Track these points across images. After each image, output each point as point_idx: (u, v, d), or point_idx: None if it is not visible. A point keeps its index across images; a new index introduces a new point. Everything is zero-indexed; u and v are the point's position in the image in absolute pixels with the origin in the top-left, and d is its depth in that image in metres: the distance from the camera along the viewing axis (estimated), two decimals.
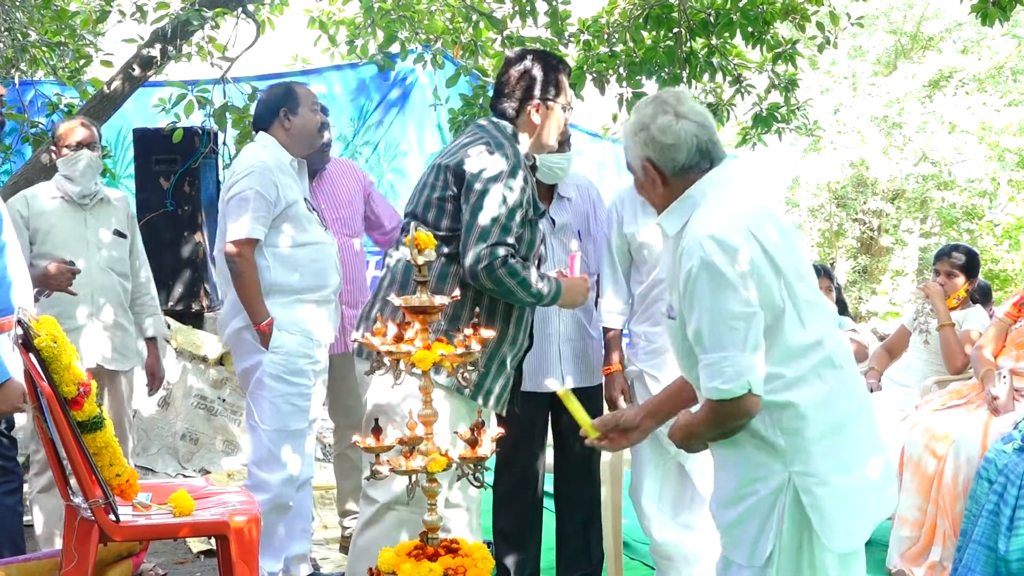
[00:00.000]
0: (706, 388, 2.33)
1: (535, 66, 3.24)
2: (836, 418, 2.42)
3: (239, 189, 3.69)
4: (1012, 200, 14.89)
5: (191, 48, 6.35)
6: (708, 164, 2.46)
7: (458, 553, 2.55)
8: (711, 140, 2.46)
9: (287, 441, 3.77)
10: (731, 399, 2.30)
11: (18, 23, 6.33)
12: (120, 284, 4.22)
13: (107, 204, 4.23)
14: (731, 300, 2.29)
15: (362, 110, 7.69)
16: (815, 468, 2.39)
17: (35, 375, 2.87)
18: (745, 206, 2.43)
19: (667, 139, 2.43)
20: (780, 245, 2.39)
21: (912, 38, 17.75)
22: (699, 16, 6.27)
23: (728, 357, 2.28)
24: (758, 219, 2.40)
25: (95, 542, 2.92)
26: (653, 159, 2.46)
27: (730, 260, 2.30)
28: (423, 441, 2.55)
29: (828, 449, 2.41)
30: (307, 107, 3.87)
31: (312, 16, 7.49)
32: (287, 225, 3.76)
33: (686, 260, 2.35)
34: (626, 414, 2.73)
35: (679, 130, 2.43)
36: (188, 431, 5.84)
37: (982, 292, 4.97)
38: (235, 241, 3.67)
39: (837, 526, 2.40)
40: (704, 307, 2.31)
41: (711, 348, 2.31)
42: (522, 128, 3.22)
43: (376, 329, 2.58)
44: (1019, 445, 3.70)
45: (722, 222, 2.35)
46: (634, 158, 2.50)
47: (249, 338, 3.75)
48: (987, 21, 5.56)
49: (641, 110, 2.50)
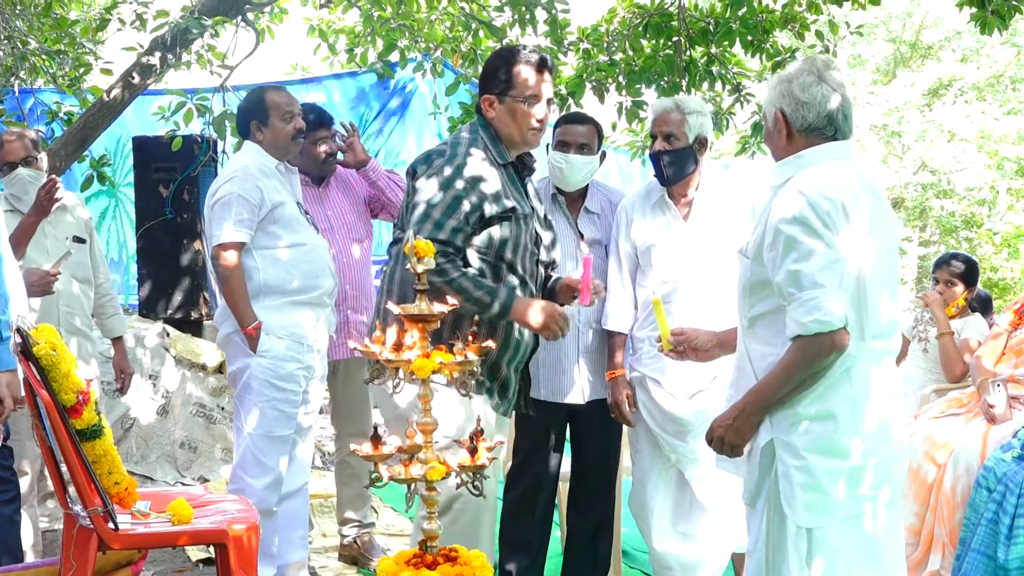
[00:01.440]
0: (804, 323, 2.44)
1: (489, 60, 3.27)
2: (828, 407, 2.53)
3: (222, 194, 3.71)
4: (1011, 208, 14.92)
5: (191, 56, 6.34)
6: (832, 133, 2.62)
7: (457, 561, 2.55)
8: (844, 113, 2.63)
9: (272, 446, 3.76)
10: (828, 332, 2.42)
11: (18, 31, 6.34)
12: (82, 291, 4.24)
13: (64, 211, 4.22)
14: (824, 248, 2.46)
15: (362, 119, 7.70)
16: (794, 441, 2.54)
17: (34, 383, 2.86)
18: (850, 184, 2.55)
19: (804, 96, 2.60)
20: (863, 233, 2.52)
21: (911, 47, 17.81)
22: (698, 25, 6.27)
23: (827, 292, 2.44)
24: (857, 201, 2.53)
25: (94, 550, 2.90)
26: (786, 111, 2.63)
27: (819, 219, 2.47)
28: (422, 449, 2.55)
29: (813, 429, 2.53)
30: (277, 117, 3.84)
31: (312, 25, 7.51)
32: (275, 227, 3.76)
33: (779, 209, 2.52)
34: (701, 336, 3.01)
35: (817, 92, 2.60)
36: (187, 439, 5.84)
37: (981, 301, 4.97)
38: (219, 245, 3.68)
39: (799, 499, 2.53)
40: (803, 251, 2.47)
41: (808, 286, 2.45)
42: (493, 125, 3.23)
43: (375, 337, 2.58)
44: (1018, 453, 3.70)
45: (821, 187, 2.51)
46: (768, 105, 2.68)
47: (238, 341, 3.75)
48: (986, 30, 5.56)
49: (791, 65, 2.70)
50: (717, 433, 2.63)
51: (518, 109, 3.17)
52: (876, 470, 2.59)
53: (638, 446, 3.78)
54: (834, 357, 2.47)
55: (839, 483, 2.54)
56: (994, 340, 4.34)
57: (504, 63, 3.19)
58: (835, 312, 2.43)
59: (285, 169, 3.90)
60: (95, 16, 6.86)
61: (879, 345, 2.61)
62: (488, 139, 3.19)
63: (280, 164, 3.87)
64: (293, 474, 3.88)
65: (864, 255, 2.53)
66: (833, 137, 2.62)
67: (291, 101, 3.91)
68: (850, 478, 2.55)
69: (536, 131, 3.23)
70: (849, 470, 2.55)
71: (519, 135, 3.21)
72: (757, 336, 2.66)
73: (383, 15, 6.94)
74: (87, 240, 4.28)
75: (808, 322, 2.43)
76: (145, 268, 6.52)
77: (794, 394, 2.52)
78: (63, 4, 6.98)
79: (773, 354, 2.57)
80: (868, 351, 2.57)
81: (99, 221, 7.45)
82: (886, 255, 2.62)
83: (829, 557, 2.56)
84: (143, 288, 6.51)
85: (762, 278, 2.59)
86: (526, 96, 3.17)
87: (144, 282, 6.51)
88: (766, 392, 2.54)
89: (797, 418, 2.54)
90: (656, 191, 3.73)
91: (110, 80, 6.33)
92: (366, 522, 4.56)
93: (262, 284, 3.74)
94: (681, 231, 3.66)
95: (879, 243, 2.58)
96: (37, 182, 4.11)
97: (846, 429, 2.54)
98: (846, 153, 2.64)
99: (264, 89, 3.97)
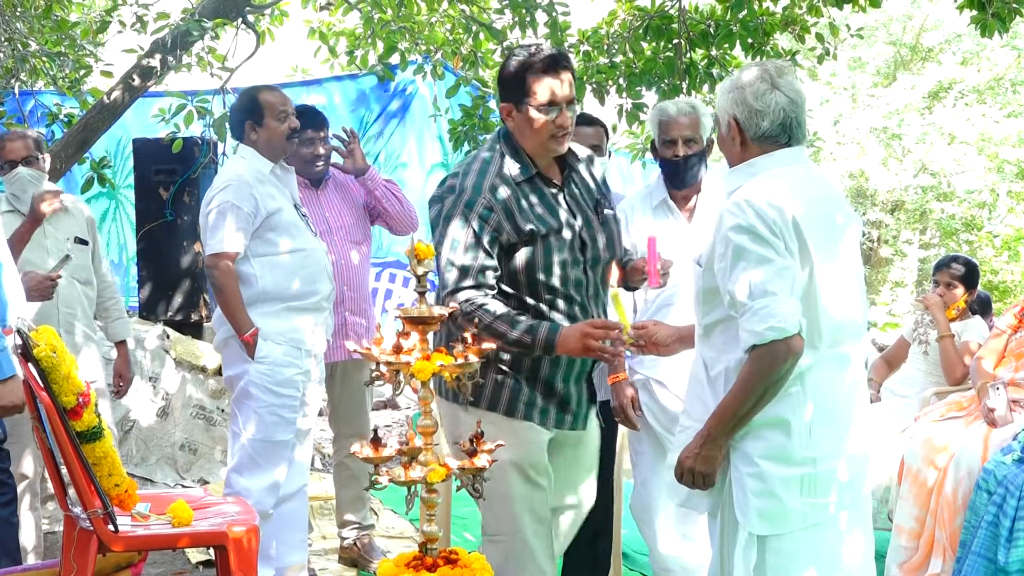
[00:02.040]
0: (758, 331, 2.41)
1: (503, 67, 3.06)
2: (781, 413, 2.51)
3: (216, 204, 3.70)
4: (1011, 211, 14.93)
5: (191, 59, 6.35)
6: (786, 140, 2.59)
7: (457, 564, 2.56)
8: (797, 120, 2.59)
9: (270, 451, 3.76)
10: (782, 339, 2.39)
11: (18, 33, 6.35)
12: (84, 293, 4.23)
13: (65, 213, 4.21)
14: (773, 256, 2.44)
15: (362, 121, 7.70)
16: (747, 447, 2.53)
17: (34, 385, 2.86)
18: (799, 190, 2.53)
19: (757, 104, 2.57)
20: (820, 241, 2.50)
21: (912, 49, 17.82)
22: (699, 27, 6.29)
23: (778, 299, 2.41)
24: (806, 207, 2.50)
25: (94, 552, 2.90)
26: (739, 119, 2.60)
27: (767, 227, 2.45)
28: (422, 452, 2.56)
29: (766, 436, 2.52)
30: (272, 117, 3.82)
31: (312, 27, 7.51)
32: (272, 233, 3.76)
33: (727, 218, 2.50)
34: (661, 331, 2.95)
35: (771, 100, 2.56)
36: (187, 441, 5.84)
37: (981, 303, 4.97)
38: (214, 255, 3.69)
39: (752, 506, 2.51)
40: (751, 261, 2.44)
41: (759, 295, 2.42)
42: (514, 134, 3.05)
43: (375, 339, 2.59)
44: (1018, 456, 3.70)
45: (768, 194, 2.49)
46: (722, 112, 2.64)
47: (236, 346, 3.75)
48: (986, 33, 5.58)
49: (743, 71, 2.64)
50: (687, 465, 2.57)
51: (536, 118, 2.94)
52: (832, 477, 2.56)
53: (640, 448, 3.77)
54: (791, 363, 2.44)
55: (793, 490, 2.52)
56: (994, 341, 4.34)
57: (517, 69, 2.95)
58: (788, 318, 2.39)
59: (281, 171, 3.90)
60: (95, 18, 6.87)
61: (838, 351, 2.59)
62: (510, 152, 3.02)
63: (276, 167, 3.86)
64: (292, 477, 3.88)
65: (816, 262, 2.51)
66: (787, 144, 2.60)
67: (285, 100, 3.90)
68: (804, 485, 2.52)
69: (558, 138, 2.98)
70: (803, 477, 2.52)
71: (541, 144, 3.00)
72: (711, 343, 2.65)
73: (383, 17, 6.95)
74: (89, 242, 4.28)
75: (763, 330, 2.39)
76: (145, 270, 6.52)
77: (756, 409, 2.48)
78: (64, 6, 6.99)
79: (725, 361, 2.56)
80: (823, 357, 2.55)
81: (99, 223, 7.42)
82: (842, 259, 2.60)
83: (783, 566, 2.53)
84: (143, 290, 6.52)
85: (714, 286, 2.57)
86: (543, 103, 2.94)
87: (144, 284, 6.51)
88: (728, 411, 2.50)
89: (750, 425, 2.52)
90: (658, 193, 3.71)
91: (110, 82, 6.33)
92: (366, 524, 4.56)
93: (261, 291, 3.74)
94: (685, 234, 3.65)
95: (831, 248, 2.56)
96: (38, 182, 4.11)
97: (799, 436, 2.51)
98: (797, 160, 2.61)
99: (257, 89, 3.95)
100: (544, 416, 3.04)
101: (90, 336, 4.26)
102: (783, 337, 2.39)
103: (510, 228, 2.93)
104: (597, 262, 3.09)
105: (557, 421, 3.06)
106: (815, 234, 2.51)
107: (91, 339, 4.27)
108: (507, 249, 2.95)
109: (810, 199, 2.54)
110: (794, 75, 2.64)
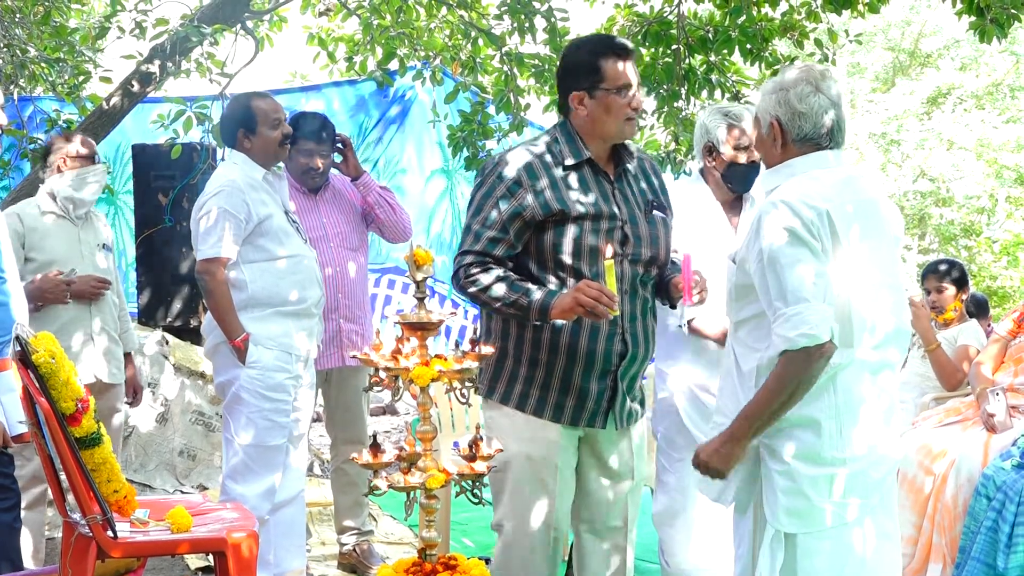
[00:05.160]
0: (790, 338, 2.43)
1: (570, 56, 3.12)
2: (812, 414, 2.54)
3: (207, 209, 3.72)
4: (1010, 216, 14.96)
5: (190, 64, 6.36)
6: (827, 143, 2.62)
7: (456, 569, 2.56)
8: (839, 125, 2.62)
9: (263, 456, 3.77)
10: (814, 346, 2.42)
11: (17, 39, 6.35)
12: (111, 298, 4.27)
13: (95, 219, 4.31)
14: (809, 258, 2.48)
15: (361, 127, 7.70)
16: (777, 446, 2.56)
17: (33, 391, 2.86)
18: (836, 193, 2.54)
19: (801, 107, 2.60)
20: (851, 241, 2.52)
21: (910, 55, 17.87)
22: (697, 33, 6.30)
23: (811, 306, 2.44)
24: (843, 209, 2.53)
25: (93, 558, 2.90)
26: (782, 120, 2.62)
27: (805, 228, 2.48)
28: (421, 457, 2.56)
29: (797, 435, 2.54)
30: (265, 125, 3.84)
31: (311, 33, 7.53)
32: (263, 240, 3.77)
33: (764, 218, 2.53)
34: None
35: (815, 102, 2.59)
36: (186, 447, 5.84)
37: (978, 306, 4.99)
38: (204, 260, 3.70)
39: (780, 504, 2.55)
40: (787, 262, 2.46)
41: (793, 301, 2.45)
42: (576, 123, 3.07)
43: (375, 344, 2.60)
44: (1017, 462, 3.71)
45: (806, 195, 2.51)
46: (764, 113, 2.67)
47: (226, 352, 3.76)
48: (985, 38, 5.58)
49: (786, 73, 2.67)
50: (703, 458, 2.61)
51: (613, 101, 3.00)
52: (861, 479, 2.58)
53: (676, 456, 3.72)
54: (819, 368, 2.47)
55: (822, 490, 2.54)
56: (993, 346, 4.35)
57: (588, 56, 3.02)
58: (820, 325, 2.43)
59: (273, 177, 3.90)
60: (94, 24, 6.87)
61: (874, 355, 2.60)
62: (565, 138, 3.06)
63: (268, 173, 3.87)
64: (288, 482, 3.89)
65: (852, 264, 2.53)
66: (828, 147, 2.63)
67: (277, 107, 3.91)
68: (833, 485, 2.55)
69: (632, 120, 3.06)
70: (831, 477, 2.55)
71: (615, 127, 3.04)
72: (741, 339, 2.67)
73: (382, 23, 6.96)
74: (112, 250, 4.37)
75: (794, 336, 2.42)
76: (144, 276, 6.52)
77: (782, 412, 2.50)
78: (62, 12, 6.99)
79: (755, 358, 2.58)
80: (857, 360, 2.57)
81: None
82: (881, 263, 2.62)
83: (810, 566, 2.56)
84: (142, 296, 6.52)
85: (747, 283, 2.60)
86: (619, 86, 3.00)
87: (143, 290, 6.51)
88: (755, 413, 2.52)
89: (782, 423, 2.54)
90: (706, 198, 3.69)
91: (109, 88, 6.34)
92: (364, 530, 4.57)
93: (251, 296, 3.75)
94: (730, 241, 3.60)
95: (870, 251, 2.58)
96: (103, 183, 4.23)
97: (830, 436, 2.54)
98: (836, 162, 2.63)
99: (249, 96, 3.96)
100: (558, 412, 3.03)
101: (117, 339, 4.30)
102: (814, 344, 2.42)
103: (537, 204, 2.95)
104: (637, 259, 3.08)
105: (573, 418, 3.04)
106: (851, 236, 2.53)
107: (117, 343, 4.31)
108: (537, 226, 2.97)
109: (849, 201, 2.56)
110: (834, 79, 2.66)
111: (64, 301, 4.01)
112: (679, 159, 6.52)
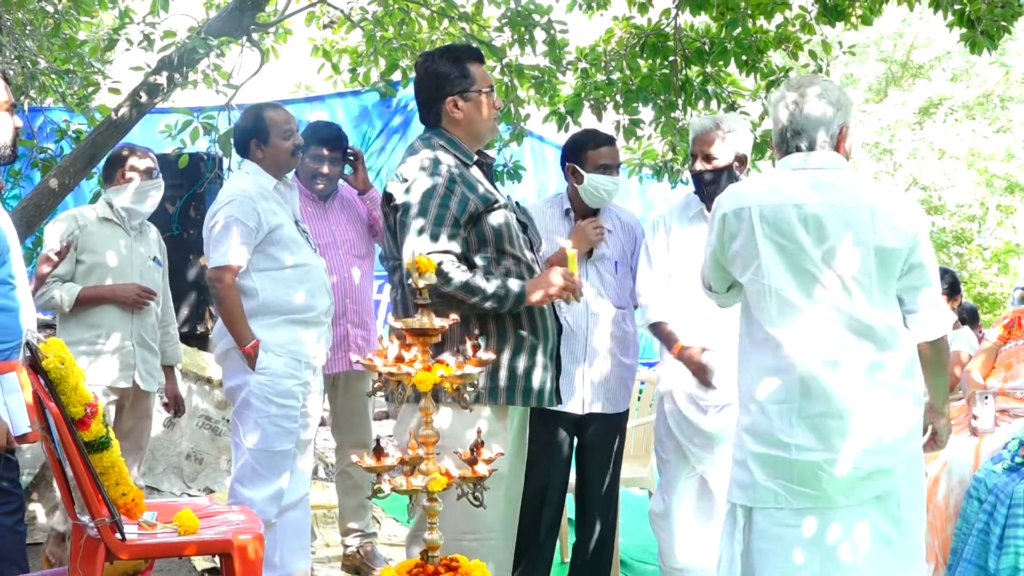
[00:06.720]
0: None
1: (436, 65, 3.23)
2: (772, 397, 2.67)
3: (220, 218, 3.76)
4: (1000, 224, 14.98)
5: (197, 76, 6.41)
6: (795, 149, 2.80)
7: (458, 571, 2.58)
8: (794, 130, 2.78)
9: (271, 461, 3.80)
10: None
11: (28, 51, 6.41)
12: (155, 309, 4.39)
13: (148, 231, 4.45)
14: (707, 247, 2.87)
15: (365, 136, 7.75)
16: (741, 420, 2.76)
17: (43, 396, 2.89)
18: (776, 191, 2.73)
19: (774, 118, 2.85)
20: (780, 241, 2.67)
21: (902, 66, 17.89)
22: (694, 45, 6.35)
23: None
24: (777, 208, 2.70)
25: (101, 560, 2.92)
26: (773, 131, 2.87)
27: (719, 217, 2.79)
28: (423, 461, 2.59)
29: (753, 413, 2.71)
30: (277, 135, 3.89)
31: (315, 45, 7.56)
32: (274, 248, 3.81)
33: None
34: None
35: (776, 114, 2.83)
36: (193, 451, 5.88)
37: (969, 314, 5.03)
38: (217, 267, 3.74)
39: (731, 474, 2.76)
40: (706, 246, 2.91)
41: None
42: (451, 128, 3.21)
43: (378, 350, 2.63)
44: (1008, 465, 3.74)
45: (738, 189, 2.81)
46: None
47: (236, 358, 3.79)
48: (975, 50, 5.63)
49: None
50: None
51: (484, 101, 3.22)
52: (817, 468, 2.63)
53: (665, 456, 3.80)
54: None
55: (764, 468, 2.66)
56: (984, 353, 4.40)
57: (454, 63, 3.21)
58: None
59: (284, 187, 3.95)
60: (103, 36, 6.91)
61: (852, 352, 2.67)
62: (447, 143, 3.19)
63: (279, 183, 3.92)
64: (294, 486, 3.92)
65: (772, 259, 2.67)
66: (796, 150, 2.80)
67: (289, 119, 3.96)
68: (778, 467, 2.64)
69: (497, 119, 3.35)
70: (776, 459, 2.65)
71: (488, 127, 3.27)
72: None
73: (385, 35, 7.01)
74: (162, 265, 4.50)
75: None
76: None
77: None
78: (72, 25, 7.04)
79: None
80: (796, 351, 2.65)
81: None
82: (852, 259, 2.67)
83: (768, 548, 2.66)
84: None
85: None
86: (488, 87, 3.23)
87: None
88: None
89: (748, 403, 2.73)
90: (694, 204, 3.81)
91: (118, 99, 6.37)
92: (368, 532, 4.60)
93: (262, 303, 3.79)
94: None
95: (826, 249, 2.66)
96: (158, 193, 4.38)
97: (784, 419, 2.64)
98: (802, 164, 2.78)
99: (261, 107, 4.01)
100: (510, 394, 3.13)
101: (155, 349, 4.43)
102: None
103: (476, 197, 3.08)
104: (532, 244, 3.29)
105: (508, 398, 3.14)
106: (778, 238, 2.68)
107: (156, 352, 4.44)
108: (476, 219, 3.08)
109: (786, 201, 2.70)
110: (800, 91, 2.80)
111: (129, 302, 4.19)
112: (676, 168, 6.58)
